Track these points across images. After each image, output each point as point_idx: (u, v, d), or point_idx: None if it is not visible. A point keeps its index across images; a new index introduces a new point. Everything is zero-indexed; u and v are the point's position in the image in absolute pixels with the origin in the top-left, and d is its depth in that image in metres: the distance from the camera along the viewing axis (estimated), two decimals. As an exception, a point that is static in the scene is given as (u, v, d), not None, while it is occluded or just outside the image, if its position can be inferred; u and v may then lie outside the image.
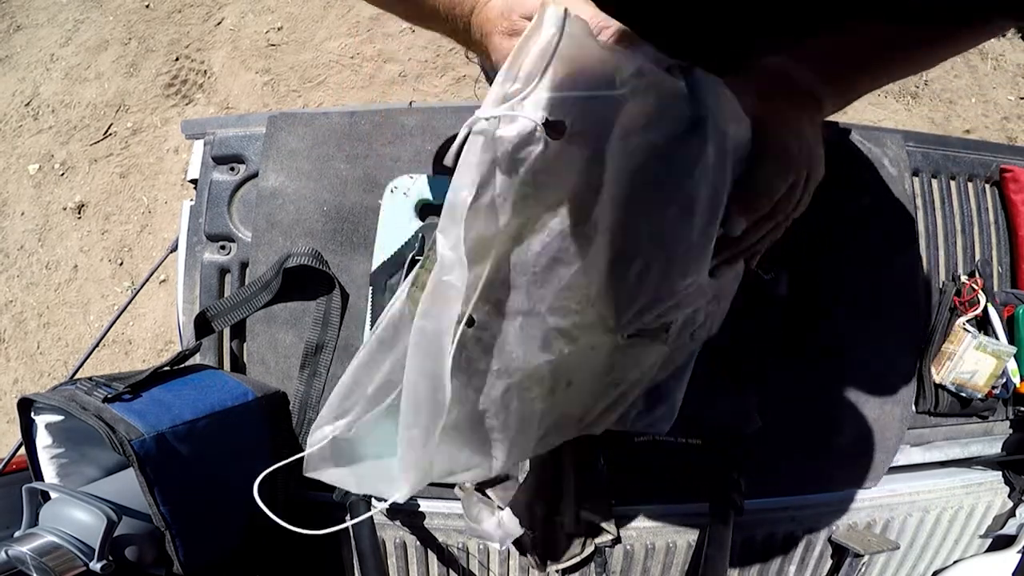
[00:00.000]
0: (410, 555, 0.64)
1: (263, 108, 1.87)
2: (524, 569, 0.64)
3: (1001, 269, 0.75)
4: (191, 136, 0.72)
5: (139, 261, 1.83)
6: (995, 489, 0.73)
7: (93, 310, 1.82)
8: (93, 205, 1.87)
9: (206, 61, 1.94)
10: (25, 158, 1.91)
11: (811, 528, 0.66)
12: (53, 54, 1.98)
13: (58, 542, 0.45)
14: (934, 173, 0.75)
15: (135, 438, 0.46)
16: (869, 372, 0.65)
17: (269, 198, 0.65)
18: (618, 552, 0.63)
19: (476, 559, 0.64)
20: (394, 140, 0.64)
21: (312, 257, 0.63)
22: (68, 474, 0.54)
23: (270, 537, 0.60)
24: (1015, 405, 0.73)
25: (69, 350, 1.80)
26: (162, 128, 1.90)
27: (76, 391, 0.50)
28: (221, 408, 0.54)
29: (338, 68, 1.89)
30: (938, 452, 0.71)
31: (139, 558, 0.50)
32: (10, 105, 1.95)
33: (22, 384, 1.79)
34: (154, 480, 0.47)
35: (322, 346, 0.64)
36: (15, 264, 1.86)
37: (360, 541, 0.54)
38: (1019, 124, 1.79)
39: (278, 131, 0.66)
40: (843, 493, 0.67)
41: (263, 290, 0.63)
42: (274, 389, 0.61)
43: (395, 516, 0.64)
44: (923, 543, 0.71)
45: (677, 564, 0.64)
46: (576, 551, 0.60)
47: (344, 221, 0.65)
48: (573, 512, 0.60)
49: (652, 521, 0.64)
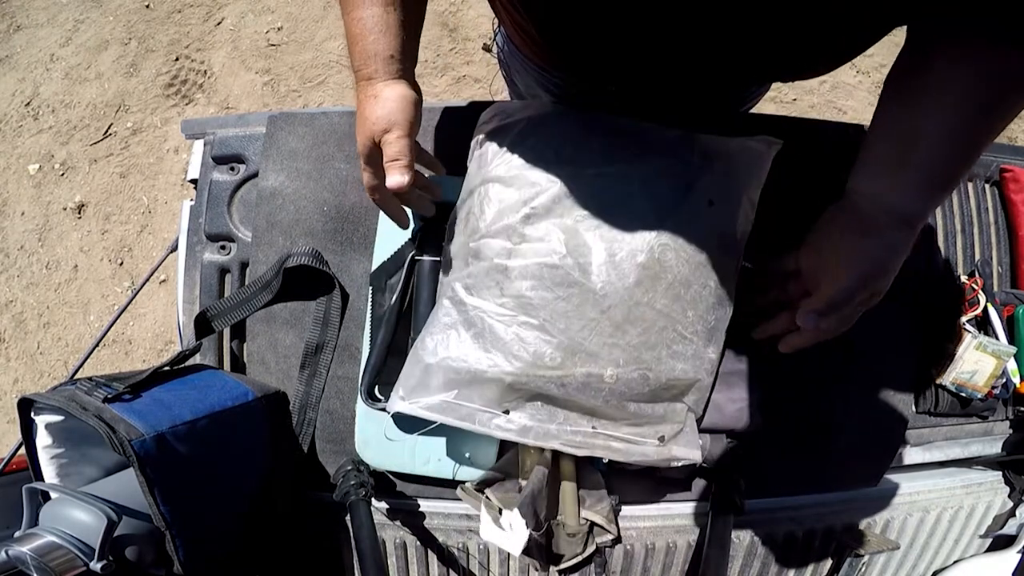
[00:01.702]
0: (410, 555, 0.64)
1: (263, 108, 1.87)
2: (524, 569, 0.64)
3: (1001, 269, 0.75)
4: (191, 136, 0.72)
5: (139, 261, 1.84)
6: (995, 489, 0.73)
7: (93, 310, 1.82)
8: (93, 205, 1.87)
9: (206, 61, 1.94)
10: (25, 158, 1.91)
11: (811, 528, 0.66)
12: (53, 54, 1.98)
13: (58, 542, 0.45)
14: (934, 173, 0.74)
15: (135, 438, 0.46)
16: (869, 372, 0.65)
17: (269, 198, 0.65)
18: (618, 552, 0.63)
19: (476, 559, 0.64)
20: (394, 140, 0.64)
21: (312, 257, 0.63)
22: (68, 474, 0.54)
23: (270, 537, 0.60)
24: (1015, 405, 0.73)
25: (69, 350, 1.80)
26: (162, 128, 1.91)
27: (76, 391, 0.50)
28: (221, 408, 0.54)
29: (338, 68, 1.89)
30: (938, 452, 0.71)
31: (139, 558, 0.50)
32: (10, 105, 1.95)
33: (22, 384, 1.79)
34: (154, 480, 0.47)
35: (322, 346, 0.64)
36: (15, 264, 1.86)
37: (360, 541, 0.54)
38: (1019, 124, 1.79)
39: (278, 131, 0.66)
40: (843, 493, 0.67)
41: (263, 290, 0.63)
42: (274, 389, 0.61)
43: (395, 516, 0.64)
44: (923, 543, 0.71)
45: (677, 564, 0.64)
46: (576, 551, 0.60)
47: (344, 221, 0.65)
48: (573, 512, 0.60)
49: (652, 521, 0.64)
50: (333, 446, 0.64)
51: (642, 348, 0.51)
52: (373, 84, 0.47)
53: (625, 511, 0.63)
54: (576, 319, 0.49)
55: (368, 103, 0.48)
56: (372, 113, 0.47)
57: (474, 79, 1.87)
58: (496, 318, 0.50)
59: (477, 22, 1.88)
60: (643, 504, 0.64)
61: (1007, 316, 0.71)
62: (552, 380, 0.50)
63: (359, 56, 0.47)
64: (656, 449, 0.52)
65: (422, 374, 0.51)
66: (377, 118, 0.47)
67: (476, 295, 0.51)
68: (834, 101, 1.83)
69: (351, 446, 0.63)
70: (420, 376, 0.51)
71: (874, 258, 0.44)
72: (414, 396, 0.51)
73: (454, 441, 0.61)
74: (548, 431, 0.50)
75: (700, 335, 0.54)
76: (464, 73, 1.87)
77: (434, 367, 0.50)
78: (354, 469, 0.59)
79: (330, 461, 0.64)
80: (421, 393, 0.50)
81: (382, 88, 0.47)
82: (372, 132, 0.47)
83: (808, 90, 1.84)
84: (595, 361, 0.50)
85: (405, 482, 0.64)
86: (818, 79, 1.82)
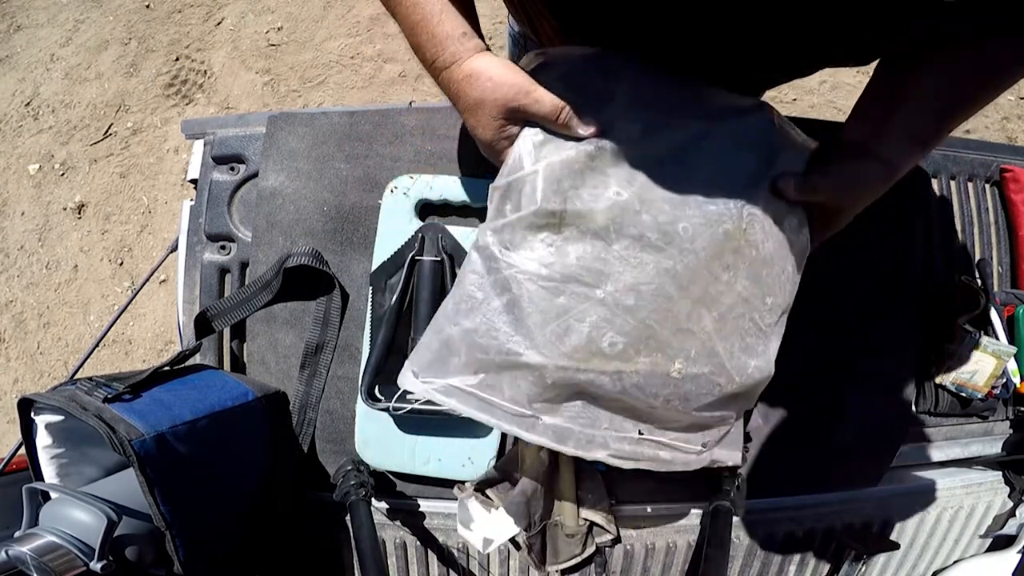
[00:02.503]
0: (410, 555, 0.64)
1: (263, 108, 1.87)
2: (524, 569, 0.64)
3: (1001, 269, 0.75)
4: (191, 136, 0.72)
5: (139, 261, 1.83)
6: (995, 489, 0.73)
7: (93, 310, 1.82)
8: (93, 205, 1.87)
9: (206, 61, 1.94)
10: (25, 158, 1.91)
11: (811, 528, 0.66)
12: (53, 54, 1.98)
13: (58, 542, 0.45)
14: (934, 173, 0.75)
15: (135, 438, 0.46)
16: (869, 372, 0.65)
17: (269, 198, 0.65)
18: (618, 552, 0.63)
19: (476, 559, 0.65)
20: (394, 140, 0.64)
21: (312, 257, 0.63)
22: (68, 474, 0.54)
23: (270, 537, 0.60)
24: (1015, 405, 0.73)
25: (69, 350, 1.80)
26: (162, 128, 1.90)
27: (76, 391, 0.50)
28: (221, 408, 0.54)
29: (338, 68, 1.89)
30: (938, 452, 0.71)
31: (139, 558, 0.50)
32: (10, 105, 1.95)
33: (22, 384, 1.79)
34: (154, 480, 0.47)
35: (322, 346, 0.64)
36: (15, 264, 1.86)
37: (360, 541, 0.54)
38: (1019, 124, 1.79)
39: (278, 131, 0.66)
40: (843, 493, 0.67)
41: (263, 290, 0.63)
42: (274, 389, 0.61)
43: (395, 516, 0.64)
44: (923, 543, 0.71)
45: (677, 564, 0.64)
46: (576, 551, 0.60)
47: (344, 221, 0.65)
48: (572, 512, 0.60)
49: (652, 521, 0.64)
50: (333, 446, 0.64)
51: (717, 337, 0.40)
52: (460, 66, 0.41)
53: (625, 511, 0.63)
54: (650, 295, 0.38)
55: (468, 85, 0.41)
56: (483, 88, 0.40)
57: (474, 79, 1.87)
58: (540, 282, 0.38)
59: (477, 22, 1.88)
60: (643, 504, 0.64)
61: (1007, 316, 0.71)
62: (608, 373, 0.39)
63: (430, 44, 0.41)
64: (698, 458, 0.44)
65: (441, 347, 0.41)
66: (496, 86, 0.40)
67: (513, 249, 0.39)
68: (834, 101, 1.83)
69: (351, 446, 0.63)
70: (438, 350, 0.41)
71: (852, 177, 0.44)
72: (429, 374, 0.41)
73: (454, 441, 0.61)
74: (593, 438, 0.40)
75: (772, 327, 0.44)
76: (464, 73, 1.87)
77: (455, 339, 0.40)
78: (354, 469, 0.59)
79: (330, 461, 0.64)
80: (438, 371, 0.41)
81: (473, 64, 0.41)
82: (505, 102, 0.40)
83: (808, 90, 1.84)
84: (663, 350, 0.39)
85: (405, 482, 0.64)
86: (818, 79, 1.82)
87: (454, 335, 0.40)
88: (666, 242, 0.39)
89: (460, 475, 0.61)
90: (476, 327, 0.39)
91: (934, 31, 0.39)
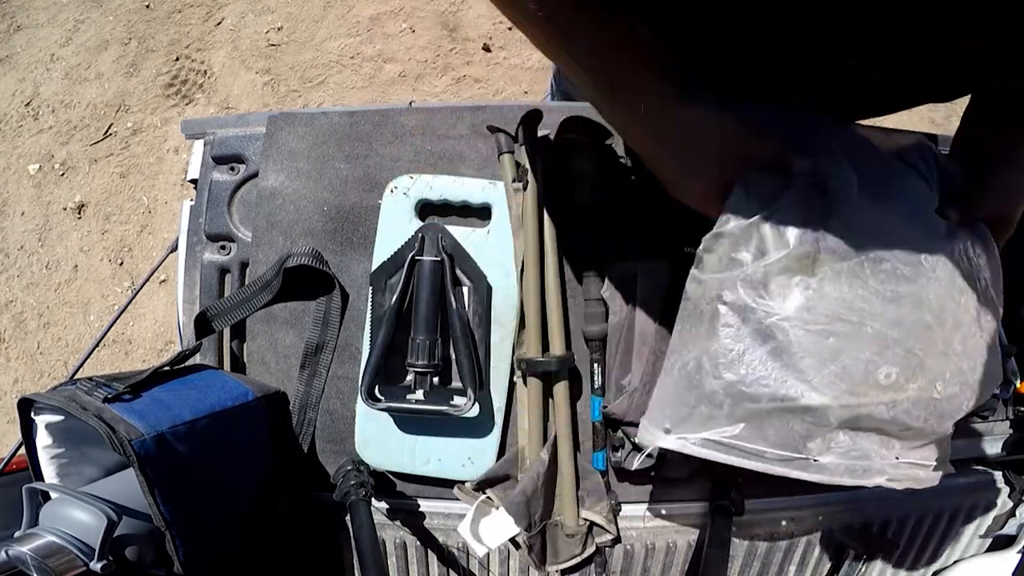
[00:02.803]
0: (410, 555, 0.64)
1: (263, 108, 1.87)
2: (524, 569, 0.65)
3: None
4: (191, 136, 0.72)
5: (139, 261, 1.84)
6: (995, 489, 0.73)
7: (93, 310, 1.82)
8: (93, 205, 1.87)
9: (206, 61, 1.94)
10: (25, 158, 1.92)
11: (811, 528, 0.66)
12: (53, 54, 1.98)
13: (58, 542, 0.45)
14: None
15: (135, 438, 0.46)
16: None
17: (269, 198, 0.65)
18: (618, 552, 0.63)
19: (476, 559, 0.65)
20: (394, 140, 0.64)
21: (312, 257, 0.63)
22: (68, 474, 0.54)
23: (270, 537, 0.60)
24: (1015, 405, 0.73)
25: (69, 350, 1.81)
26: (162, 128, 1.91)
27: (76, 391, 0.50)
28: (221, 408, 0.54)
29: (338, 68, 1.89)
30: (938, 452, 0.71)
31: (139, 558, 0.50)
32: (10, 105, 1.95)
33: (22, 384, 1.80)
34: (154, 480, 0.47)
35: (322, 346, 0.64)
36: (15, 264, 1.86)
37: (360, 541, 0.54)
38: (1019, 124, 1.79)
39: (278, 131, 0.66)
40: (843, 493, 0.67)
41: (263, 290, 0.64)
42: (274, 389, 0.61)
43: (395, 516, 0.64)
44: (923, 543, 0.71)
45: (677, 564, 0.64)
46: (576, 551, 0.60)
47: (344, 221, 0.65)
48: (572, 512, 0.60)
49: (652, 521, 0.64)
50: (333, 446, 0.64)
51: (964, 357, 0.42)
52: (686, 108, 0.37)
53: (625, 511, 0.63)
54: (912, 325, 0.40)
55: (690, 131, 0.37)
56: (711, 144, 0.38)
57: (474, 79, 1.87)
58: (806, 327, 0.38)
59: (477, 22, 1.88)
60: (643, 504, 0.64)
61: (1007, 316, 0.71)
62: (884, 403, 0.40)
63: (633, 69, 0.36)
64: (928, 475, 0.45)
65: (699, 403, 0.41)
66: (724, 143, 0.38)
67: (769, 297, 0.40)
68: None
69: (351, 446, 0.63)
70: (695, 405, 0.41)
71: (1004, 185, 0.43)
72: (685, 430, 0.42)
73: (454, 441, 0.61)
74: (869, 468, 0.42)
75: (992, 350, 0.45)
76: (464, 73, 1.87)
77: (719, 393, 0.40)
78: (354, 469, 0.60)
79: (330, 461, 0.64)
80: (696, 426, 0.41)
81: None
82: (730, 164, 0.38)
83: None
84: (927, 375, 0.41)
85: (405, 482, 0.64)
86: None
87: (717, 389, 0.40)
88: (916, 274, 0.40)
89: (460, 475, 0.61)
90: (741, 378, 0.40)
91: (934, 31, 0.39)
